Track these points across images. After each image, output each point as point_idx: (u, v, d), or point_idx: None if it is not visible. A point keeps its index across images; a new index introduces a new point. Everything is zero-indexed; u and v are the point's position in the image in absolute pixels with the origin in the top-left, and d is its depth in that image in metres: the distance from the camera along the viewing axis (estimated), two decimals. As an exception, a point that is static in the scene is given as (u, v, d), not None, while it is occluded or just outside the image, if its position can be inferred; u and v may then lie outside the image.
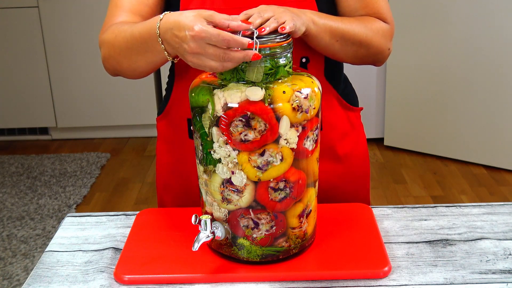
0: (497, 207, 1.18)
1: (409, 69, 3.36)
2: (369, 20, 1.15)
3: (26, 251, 2.63)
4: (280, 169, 0.94)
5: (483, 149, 3.27)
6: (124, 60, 1.08)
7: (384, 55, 1.17)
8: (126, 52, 1.06)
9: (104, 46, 1.12)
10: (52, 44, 3.68)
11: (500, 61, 3.08)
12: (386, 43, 1.16)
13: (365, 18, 1.15)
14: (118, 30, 1.08)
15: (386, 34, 1.16)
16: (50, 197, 3.11)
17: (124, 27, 1.07)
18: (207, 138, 0.95)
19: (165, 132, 1.26)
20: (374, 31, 1.13)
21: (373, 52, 1.15)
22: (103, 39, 1.12)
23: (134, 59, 1.07)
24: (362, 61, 1.17)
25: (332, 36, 1.08)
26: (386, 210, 1.18)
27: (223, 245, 1.00)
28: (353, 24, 1.11)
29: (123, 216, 1.19)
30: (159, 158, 1.29)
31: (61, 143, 3.88)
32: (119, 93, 3.76)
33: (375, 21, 1.15)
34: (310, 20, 1.04)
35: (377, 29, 1.14)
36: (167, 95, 1.25)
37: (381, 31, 1.15)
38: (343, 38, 1.10)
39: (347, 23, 1.10)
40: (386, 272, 0.98)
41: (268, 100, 0.91)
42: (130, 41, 1.05)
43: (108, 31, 1.11)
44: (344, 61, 1.18)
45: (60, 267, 1.04)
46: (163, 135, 1.27)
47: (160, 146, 1.29)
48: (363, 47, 1.13)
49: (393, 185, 3.16)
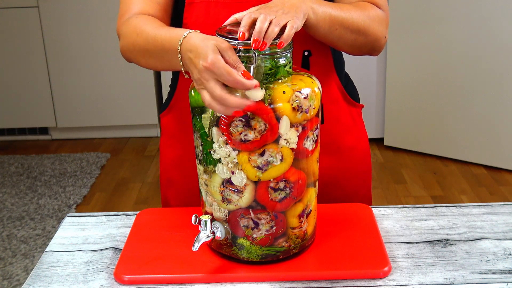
0: (497, 207, 1.18)
1: (409, 69, 3.35)
2: (366, 7, 1.14)
3: (26, 251, 2.63)
4: (280, 169, 0.94)
5: (483, 149, 3.27)
6: (142, 59, 1.11)
7: (381, 43, 1.16)
8: (145, 53, 1.09)
9: (123, 39, 1.13)
10: (52, 44, 3.68)
11: (500, 61, 3.08)
12: (383, 30, 1.15)
13: (362, 4, 1.14)
14: (140, 30, 1.09)
15: (383, 21, 1.15)
16: (50, 197, 3.11)
17: (147, 28, 1.08)
18: (207, 138, 0.95)
19: (169, 127, 1.27)
20: (371, 19, 1.12)
21: (370, 40, 1.14)
22: (123, 32, 1.13)
23: (151, 61, 1.09)
24: (360, 50, 1.16)
25: (332, 24, 1.07)
26: (386, 210, 1.18)
27: (223, 245, 1.00)
28: (351, 11, 1.10)
29: (123, 216, 1.19)
30: (162, 154, 1.31)
31: (61, 143, 3.88)
32: (119, 93, 3.76)
33: (372, 8, 1.14)
34: (310, 9, 1.02)
35: (374, 16, 1.13)
36: (171, 91, 1.26)
37: (378, 19, 1.14)
38: (342, 26, 1.09)
39: (346, 11, 1.09)
40: (386, 272, 0.98)
41: (268, 100, 0.91)
42: (151, 45, 1.06)
43: (129, 25, 1.11)
44: (342, 49, 1.17)
45: (60, 267, 1.04)
46: (167, 130, 1.28)
47: (164, 142, 1.29)
48: (362, 34, 1.12)
49: (393, 185, 3.16)
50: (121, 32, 1.14)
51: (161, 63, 1.07)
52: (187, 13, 1.15)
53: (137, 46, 1.09)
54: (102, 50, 3.68)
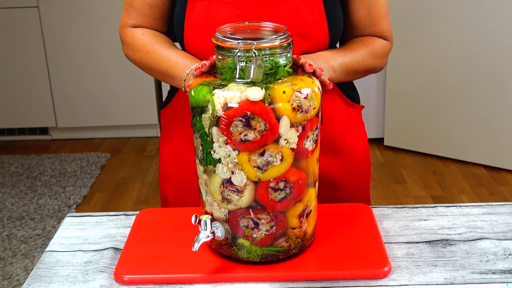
0: (497, 207, 1.18)
1: (409, 69, 3.35)
2: (373, 44, 1.23)
3: (26, 251, 2.63)
4: (280, 169, 0.94)
5: (483, 149, 3.27)
6: (146, 71, 1.24)
7: (381, 69, 1.28)
8: (150, 70, 1.22)
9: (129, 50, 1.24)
10: (52, 44, 3.68)
11: (500, 61, 3.08)
12: (385, 61, 1.26)
13: (370, 41, 1.23)
14: (151, 48, 1.20)
15: (387, 53, 1.26)
16: (50, 197, 3.11)
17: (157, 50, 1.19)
18: (207, 138, 0.95)
19: (169, 124, 1.29)
20: (378, 56, 1.23)
21: (374, 71, 1.26)
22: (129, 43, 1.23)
23: (154, 75, 1.22)
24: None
25: (347, 74, 1.19)
26: (386, 210, 1.18)
27: (223, 245, 1.00)
28: (363, 55, 1.20)
29: (123, 216, 1.19)
30: (161, 150, 1.33)
31: (61, 143, 3.88)
32: (119, 93, 3.76)
33: (379, 43, 1.24)
34: (331, 69, 1.13)
35: (380, 53, 1.23)
36: (172, 89, 1.29)
37: (383, 53, 1.24)
38: (355, 73, 1.20)
39: (358, 57, 1.19)
40: (386, 272, 0.98)
41: (268, 100, 0.91)
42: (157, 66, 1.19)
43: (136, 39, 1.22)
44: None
45: (60, 267, 1.04)
46: (166, 127, 1.30)
47: (163, 139, 1.32)
48: (369, 72, 1.24)
49: (393, 185, 3.16)
50: (126, 42, 1.23)
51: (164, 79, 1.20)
52: (189, 11, 1.15)
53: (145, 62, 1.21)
54: (102, 50, 3.68)
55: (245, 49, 0.91)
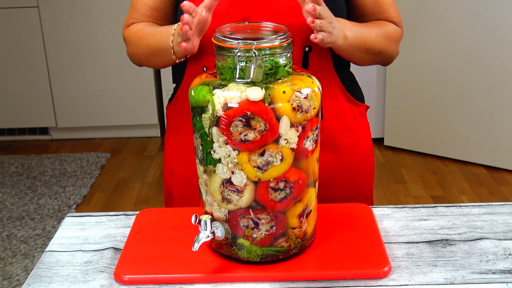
0: (497, 207, 1.18)
1: (409, 69, 3.35)
2: (387, 26, 1.22)
3: (26, 251, 2.63)
4: (280, 169, 0.94)
5: (483, 149, 3.27)
6: (145, 60, 1.26)
7: (393, 58, 1.25)
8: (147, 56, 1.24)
9: (128, 45, 1.27)
10: (52, 44, 3.68)
11: (500, 61, 3.08)
12: (397, 48, 1.24)
13: (384, 24, 1.23)
14: (142, 33, 1.23)
15: (399, 39, 1.25)
16: (50, 197, 3.11)
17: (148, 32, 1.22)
18: (207, 138, 0.95)
19: (174, 119, 1.30)
20: (391, 39, 1.22)
21: (386, 58, 1.24)
22: (127, 39, 1.27)
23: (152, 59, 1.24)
24: (372, 64, 1.25)
25: (359, 49, 1.16)
26: (386, 210, 1.18)
27: (223, 245, 1.00)
28: (377, 35, 1.19)
29: (123, 216, 1.19)
30: (166, 145, 1.34)
31: (61, 143, 3.88)
32: (119, 93, 3.76)
33: (392, 27, 1.23)
34: (342, 37, 1.11)
35: (393, 36, 1.23)
36: (177, 84, 1.30)
37: (396, 38, 1.24)
38: (366, 51, 1.18)
39: (373, 35, 1.18)
40: (386, 272, 0.98)
41: (268, 100, 0.91)
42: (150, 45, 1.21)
43: (132, 30, 1.25)
44: (357, 64, 1.24)
45: (60, 267, 1.04)
46: (171, 122, 1.32)
47: (168, 133, 1.33)
48: (380, 55, 1.22)
49: (393, 185, 3.16)
50: (126, 39, 1.28)
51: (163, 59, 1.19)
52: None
53: (140, 48, 1.23)
54: (102, 50, 3.68)
55: (245, 49, 0.91)
